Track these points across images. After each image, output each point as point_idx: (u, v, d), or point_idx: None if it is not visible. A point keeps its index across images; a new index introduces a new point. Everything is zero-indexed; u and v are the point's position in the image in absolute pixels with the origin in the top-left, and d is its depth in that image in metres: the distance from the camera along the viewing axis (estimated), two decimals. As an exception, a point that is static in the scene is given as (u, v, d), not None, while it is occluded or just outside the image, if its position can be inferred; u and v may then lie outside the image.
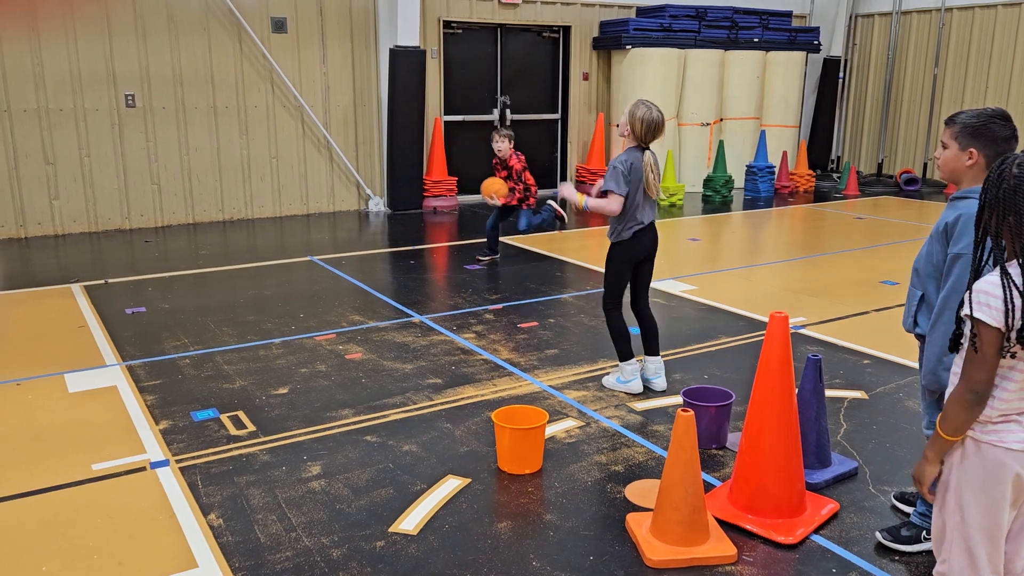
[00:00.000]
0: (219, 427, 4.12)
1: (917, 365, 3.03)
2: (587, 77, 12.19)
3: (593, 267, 7.48)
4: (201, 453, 3.83)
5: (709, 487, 3.49)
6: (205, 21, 9.41)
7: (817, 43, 13.12)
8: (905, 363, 4.97)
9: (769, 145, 12.38)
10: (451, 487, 3.52)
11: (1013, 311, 2.05)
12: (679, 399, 4.29)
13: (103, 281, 6.96)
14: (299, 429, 4.10)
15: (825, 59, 14.06)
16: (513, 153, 7.45)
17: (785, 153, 12.66)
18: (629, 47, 11.56)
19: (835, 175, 14.30)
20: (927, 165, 13.61)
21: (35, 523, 3.25)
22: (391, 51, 10.12)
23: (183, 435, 4.02)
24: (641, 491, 3.49)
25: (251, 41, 9.68)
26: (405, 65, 10.16)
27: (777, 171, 12.42)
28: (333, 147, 10.42)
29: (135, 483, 3.56)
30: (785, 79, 12.76)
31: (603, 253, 4.54)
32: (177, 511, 3.32)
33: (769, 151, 12.35)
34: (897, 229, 9.51)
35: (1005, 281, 2.06)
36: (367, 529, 3.21)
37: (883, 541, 3.09)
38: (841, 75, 14.44)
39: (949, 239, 2.72)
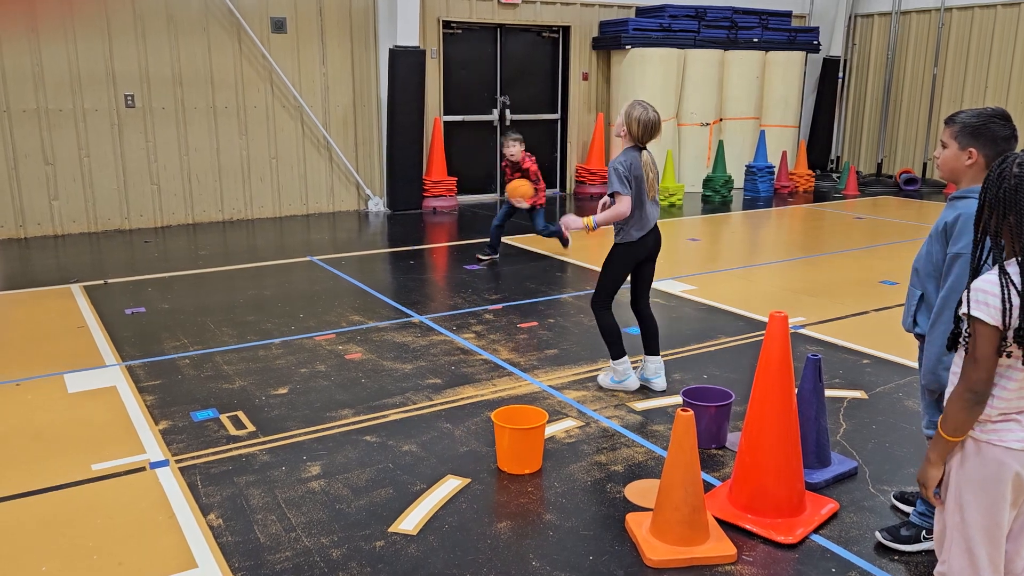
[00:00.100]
0: (219, 427, 4.12)
1: (917, 365, 3.03)
2: (587, 77, 12.19)
3: (593, 267, 7.48)
4: (201, 453, 3.83)
5: (709, 487, 3.49)
6: (204, 21, 9.42)
7: (817, 43, 13.12)
8: (905, 363, 4.98)
9: (769, 145, 12.38)
10: (451, 487, 3.52)
11: (1010, 310, 2.05)
12: (679, 399, 4.29)
13: (103, 281, 6.96)
14: (299, 429, 4.10)
15: (825, 59, 14.06)
16: (525, 155, 7.54)
17: (785, 153, 12.66)
18: (629, 47, 11.56)
19: (835, 175, 14.30)
20: (927, 165, 13.62)
21: (35, 523, 3.25)
22: (391, 51, 10.12)
23: (183, 435, 4.02)
24: (641, 491, 3.49)
25: (251, 41, 9.68)
26: (405, 65, 10.16)
27: (777, 171, 12.42)
28: (333, 147, 10.42)
29: (135, 483, 3.56)
30: (785, 79, 12.76)
31: (603, 253, 4.52)
32: (177, 511, 3.32)
33: (769, 151, 12.35)
34: (896, 229, 9.52)
35: (1003, 280, 2.06)
36: (367, 529, 3.21)
37: (883, 541, 3.09)
38: (841, 75, 14.44)
39: (948, 239, 2.72)
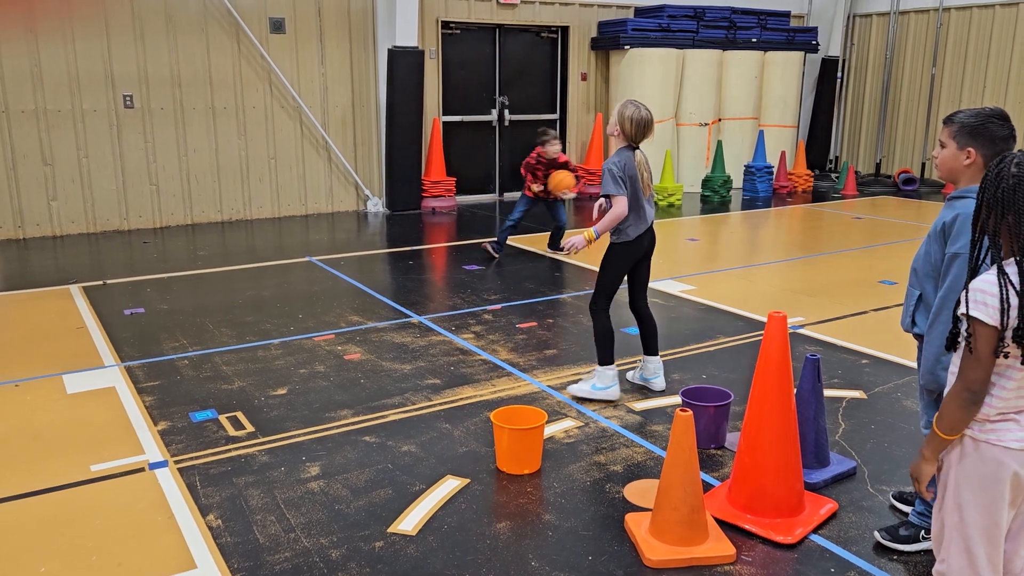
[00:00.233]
0: (218, 428, 4.12)
1: (915, 364, 3.04)
2: (585, 77, 12.19)
3: (591, 267, 7.48)
4: (200, 454, 3.83)
5: (708, 487, 3.49)
6: (203, 22, 9.41)
7: (815, 43, 13.13)
8: (903, 363, 4.98)
9: (767, 145, 12.39)
10: (450, 487, 3.52)
11: (1008, 310, 2.05)
12: (678, 399, 4.29)
13: (101, 282, 6.96)
14: (298, 430, 4.10)
15: (823, 59, 14.07)
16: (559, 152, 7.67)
17: (783, 153, 12.67)
18: (627, 47, 11.57)
19: (833, 175, 14.31)
20: (925, 165, 13.62)
21: (34, 524, 3.25)
22: (389, 51, 10.12)
23: (182, 436, 4.02)
24: (640, 491, 3.49)
25: (249, 42, 9.67)
26: (403, 65, 10.16)
27: (775, 171, 12.43)
28: (332, 148, 10.42)
29: (134, 484, 3.56)
30: (783, 79, 12.77)
31: (601, 253, 4.50)
32: (176, 512, 3.32)
33: (767, 151, 12.36)
34: (895, 229, 9.52)
35: (1002, 280, 2.07)
36: (366, 530, 3.21)
37: (882, 541, 3.09)
38: (839, 75, 14.45)
39: (947, 238, 2.72)
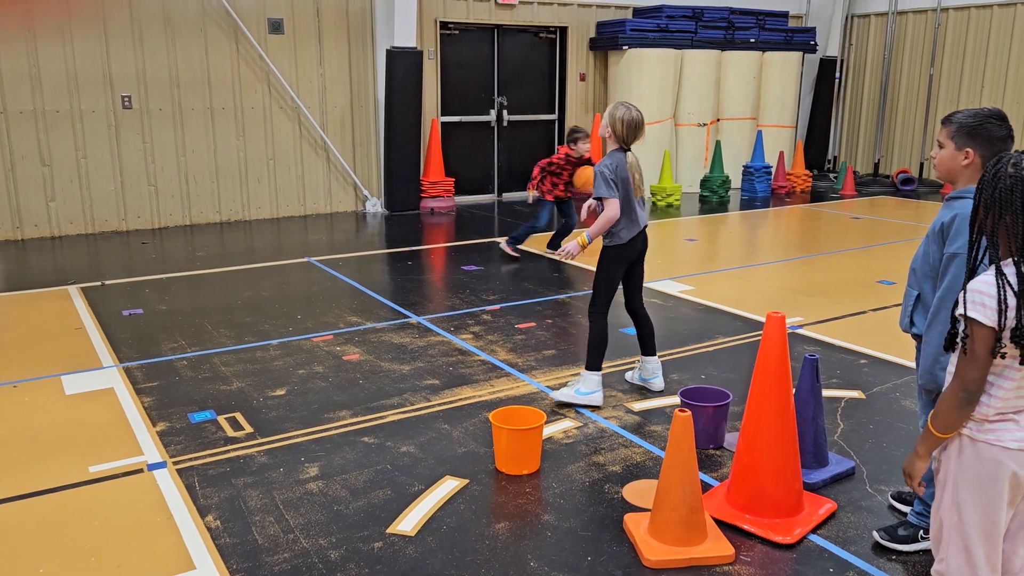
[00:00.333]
0: (216, 429, 4.11)
1: (914, 364, 3.04)
2: (584, 78, 12.20)
3: (590, 268, 7.46)
4: (198, 455, 3.83)
5: (707, 487, 3.49)
6: (202, 23, 9.41)
7: (813, 43, 13.13)
8: (902, 363, 4.98)
9: (766, 145, 12.39)
10: (449, 488, 3.52)
11: (1006, 311, 2.06)
12: (676, 399, 4.30)
13: (100, 283, 6.95)
14: (297, 430, 4.10)
15: (821, 59, 14.08)
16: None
17: (782, 153, 12.67)
18: (626, 48, 11.57)
19: (832, 175, 14.31)
20: (923, 165, 13.63)
21: (33, 525, 3.25)
22: (388, 52, 10.12)
23: (180, 437, 4.02)
24: (639, 491, 3.50)
25: (248, 42, 9.67)
26: (402, 66, 10.16)
27: (774, 171, 12.43)
28: (330, 148, 10.41)
29: (132, 485, 3.55)
30: (781, 79, 12.77)
31: (595, 256, 4.49)
32: (175, 513, 3.32)
33: (766, 151, 12.36)
34: (894, 229, 9.53)
35: (999, 281, 2.07)
36: (365, 530, 3.21)
37: (880, 540, 3.09)
38: (837, 75, 14.46)
39: (945, 239, 2.73)
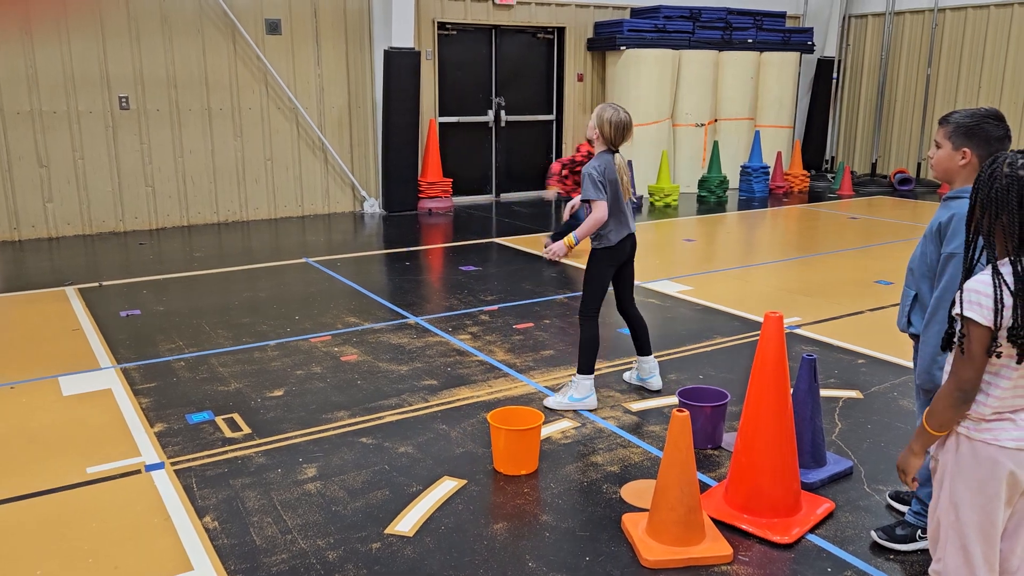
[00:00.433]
0: (214, 430, 4.11)
1: (911, 364, 3.04)
2: (582, 78, 12.20)
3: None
4: (196, 456, 3.83)
5: (705, 487, 3.49)
6: (199, 23, 9.40)
7: (811, 44, 13.15)
8: (900, 362, 4.99)
9: (764, 145, 12.40)
10: (447, 488, 3.52)
11: (1003, 310, 2.06)
12: (674, 399, 4.30)
13: (97, 284, 6.94)
14: (294, 431, 4.09)
15: (819, 59, 14.09)
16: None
17: (779, 153, 12.68)
18: (623, 48, 11.57)
19: (829, 175, 14.33)
20: (921, 165, 13.65)
21: (30, 526, 3.24)
22: (386, 52, 10.11)
23: (178, 438, 4.02)
24: (637, 491, 3.50)
25: (245, 43, 9.67)
26: (400, 66, 10.16)
27: (772, 171, 12.44)
28: (328, 149, 10.41)
29: (130, 486, 3.55)
30: (779, 80, 12.79)
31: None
32: (172, 514, 3.32)
33: (764, 151, 12.37)
34: (891, 229, 9.54)
35: (996, 280, 2.07)
36: (363, 531, 3.20)
37: (878, 540, 3.09)
38: (835, 75, 14.47)
39: (943, 239, 2.73)
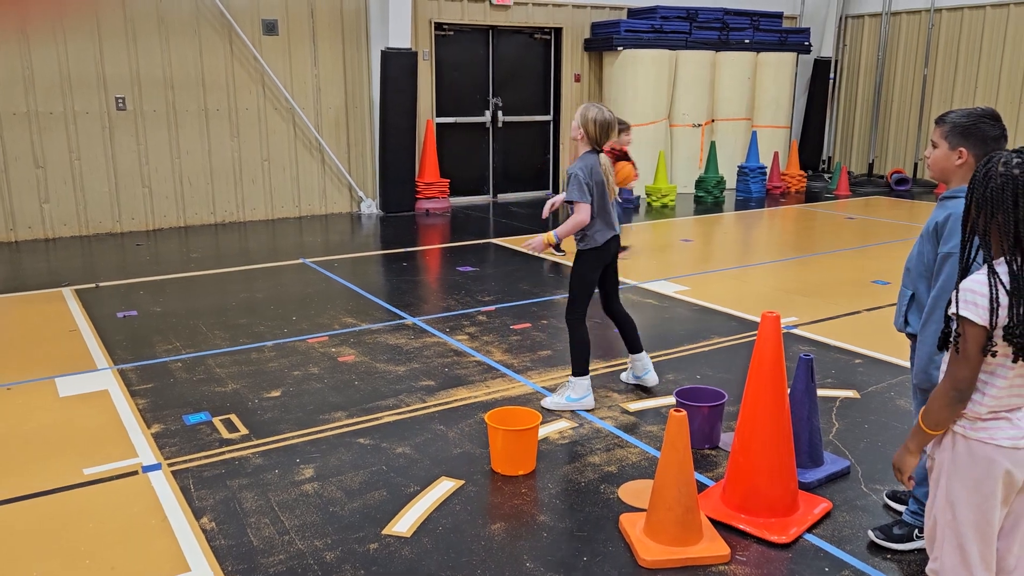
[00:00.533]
0: (211, 430, 4.11)
1: (908, 364, 3.05)
2: (579, 79, 12.20)
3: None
4: (193, 457, 3.82)
5: (702, 487, 3.49)
6: (196, 24, 9.39)
7: (807, 44, 13.17)
8: (897, 362, 4.99)
9: (760, 146, 12.41)
10: (444, 489, 3.52)
11: (998, 309, 2.06)
12: (672, 399, 4.30)
13: (94, 285, 6.93)
14: (292, 432, 4.09)
15: (816, 60, 14.11)
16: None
17: (776, 154, 12.69)
18: (620, 48, 11.58)
19: (826, 175, 14.34)
20: (917, 165, 13.67)
21: (27, 528, 3.23)
22: (383, 53, 10.11)
23: (175, 439, 4.01)
24: (634, 491, 3.50)
25: (242, 43, 9.66)
26: (397, 67, 10.16)
27: (769, 172, 12.45)
28: (325, 149, 10.40)
29: (127, 487, 3.54)
30: (776, 80, 12.80)
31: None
32: (170, 515, 3.31)
33: (760, 152, 12.38)
34: (888, 229, 9.55)
35: (992, 280, 2.07)
36: (360, 531, 3.20)
37: (876, 540, 3.10)
38: (832, 76, 14.49)
39: (939, 238, 2.73)
